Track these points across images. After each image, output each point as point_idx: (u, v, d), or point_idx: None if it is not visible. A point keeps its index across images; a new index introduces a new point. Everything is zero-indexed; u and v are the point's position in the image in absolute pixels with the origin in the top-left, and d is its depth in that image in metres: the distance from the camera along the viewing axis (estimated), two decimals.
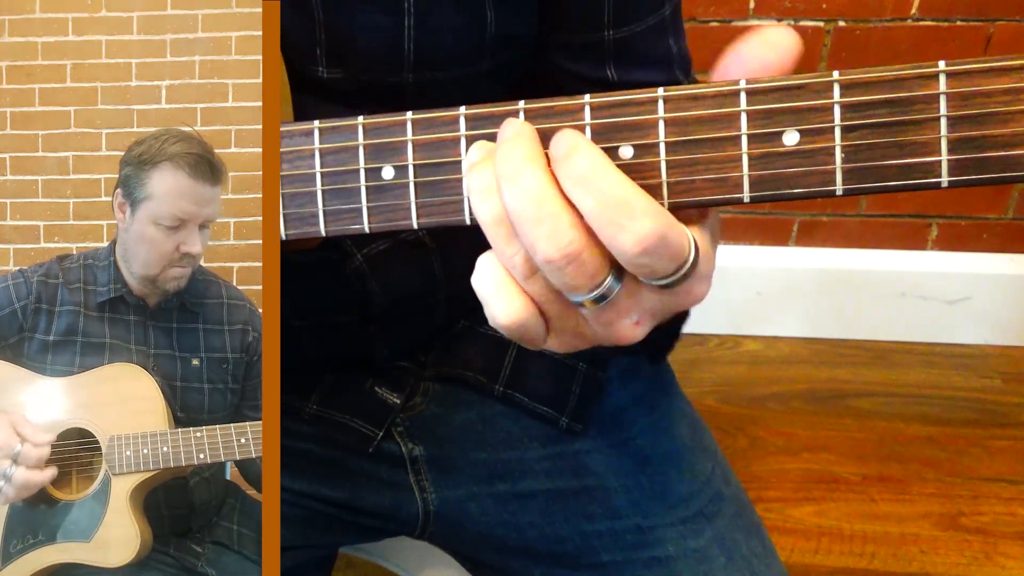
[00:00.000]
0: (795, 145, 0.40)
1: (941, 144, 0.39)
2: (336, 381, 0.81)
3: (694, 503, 0.77)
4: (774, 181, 0.41)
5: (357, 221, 0.46)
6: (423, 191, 0.45)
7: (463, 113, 0.44)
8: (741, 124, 0.41)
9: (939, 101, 0.39)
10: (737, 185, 0.41)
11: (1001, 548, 1.41)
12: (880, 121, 0.39)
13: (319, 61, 0.62)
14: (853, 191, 0.40)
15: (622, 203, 0.39)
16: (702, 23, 1.61)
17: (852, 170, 0.40)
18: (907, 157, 0.39)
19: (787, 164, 0.40)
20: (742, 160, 0.41)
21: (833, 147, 0.40)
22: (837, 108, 0.40)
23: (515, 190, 0.40)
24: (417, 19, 0.61)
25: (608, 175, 0.40)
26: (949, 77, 0.38)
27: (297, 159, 0.47)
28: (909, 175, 0.39)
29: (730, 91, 0.41)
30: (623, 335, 0.44)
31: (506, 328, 0.44)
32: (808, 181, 0.40)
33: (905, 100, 0.39)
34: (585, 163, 0.40)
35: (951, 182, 0.39)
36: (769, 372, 1.78)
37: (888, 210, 1.77)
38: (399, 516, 0.80)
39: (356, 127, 0.45)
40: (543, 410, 0.79)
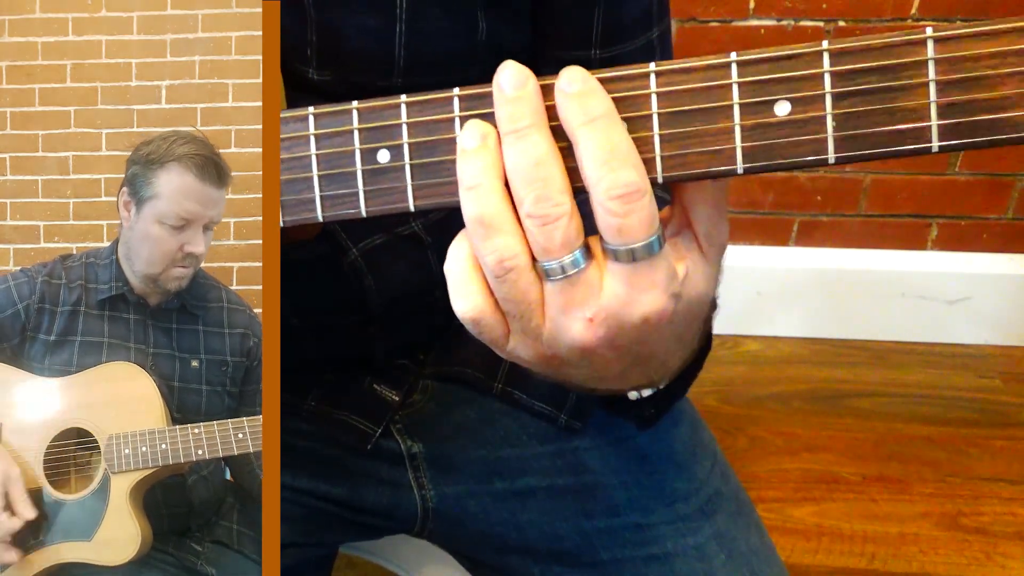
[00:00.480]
0: (787, 115, 0.40)
1: (931, 109, 0.39)
2: (335, 379, 0.81)
3: (693, 501, 0.77)
4: (767, 151, 0.41)
5: (354, 205, 0.46)
6: (419, 173, 0.45)
7: (457, 94, 0.44)
8: (733, 95, 0.41)
9: (928, 67, 0.39)
10: (730, 157, 0.41)
11: (1001, 548, 1.41)
12: (870, 88, 0.39)
13: (310, 62, 0.62)
14: (845, 159, 0.40)
15: (623, 151, 0.41)
16: (702, 23, 1.61)
17: (844, 138, 0.40)
18: (898, 123, 0.39)
19: (779, 134, 0.41)
20: (734, 132, 0.41)
21: (824, 116, 0.40)
22: (827, 77, 0.40)
23: (520, 147, 0.42)
24: (408, 24, 0.61)
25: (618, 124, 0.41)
26: (937, 43, 0.39)
27: (293, 145, 0.47)
28: (900, 141, 0.40)
29: (721, 63, 0.41)
30: (575, 332, 0.44)
31: (464, 320, 0.45)
32: (801, 150, 0.41)
33: (894, 67, 0.39)
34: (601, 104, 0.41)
35: (941, 147, 0.39)
36: (769, 372, 1.78)
37: (888, 210, 1.77)
38: (398, 514, 0.80)
39: (351, 111, 0.46)
40: (542, 408, 0.79)
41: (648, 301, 0.43)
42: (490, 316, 0.45)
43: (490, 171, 0.42)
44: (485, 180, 0.42)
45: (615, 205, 0.41)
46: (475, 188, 0.42)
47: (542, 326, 0.45)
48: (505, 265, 0.43)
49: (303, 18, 0.60)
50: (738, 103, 0.41)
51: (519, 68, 0.42)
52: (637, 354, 0.47)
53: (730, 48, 0.41)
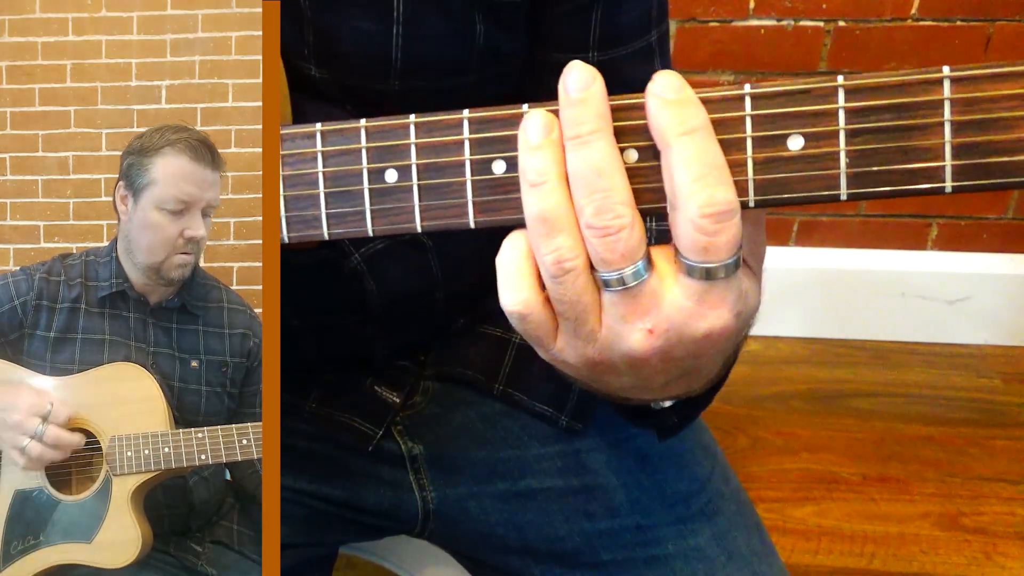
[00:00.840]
0: (800, 150, 0.40)
1: (945, 150, 0.39)
2: (336, 380, 0.81)
3: (694, 502, 0.77)
4: (779, 186, 0.41)
5: (360, 224, 0.46)
6: (426, 194, 0.45)
7: (466, 116, 0.44)
8: (746, 128, 0.41)
9: (943, 107, 0.38)
10: (742, 190, 0.41)
11: (1001, 548, 1.41)
12: (884, 125, 0.39)
13: (309, 60, 0.62)
14: (857, 196, 0.40)
15: (719, 166, 0.40)
16: (702, 23, 1.61)
17: (856, 175, 0.40)
18: (911, 162, 0.39)
19: (792, 169, 0.40)
20: (747, 165, 0.41)
21: (838, 152, 0.40)
22: (842, 113, 0.40)
23: (582, 155, 0.41)
24: (406, 28, 0.61)
25: (713, 139, 0.40)
26: (953, 83, 0.38)
27: (299, 162, 0.47)
28: (913, 180, 0.39)
29: (734, 96, 0.41)
30: (633, 341, 0.44)
31: (510, 314, 0.44)
32: (813, 186, 0.40)
33: (909, 105, 0.39)
34: (699, 115, 0.40)
35: (955, 187, 0.39)
36: (769, 372, 1.78)
37: (888, 210, 1.77)
38: (399, 515, 0.80)
39: (359, 130, 0.45)
40: (543, 409, 0.79)
41: (715, 317, 0.43)
42: (539, 313, 0.44)
43: (555, 168, 0.41)
44: (550, 177, 0.41)
45: (707, 223, 0.39)
46: (540, 185, 0.41)
47: (598, 331, 0.44)
48: (564, 266, 0.42)
49: (300, 17, 0.60)
50: (751, 136, 0.41)
51: (586, 69, 0.41)
52: (688, 368, 0.46)
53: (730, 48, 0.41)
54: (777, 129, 0.40)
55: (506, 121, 0.43)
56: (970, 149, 0.38)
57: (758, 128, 0.41)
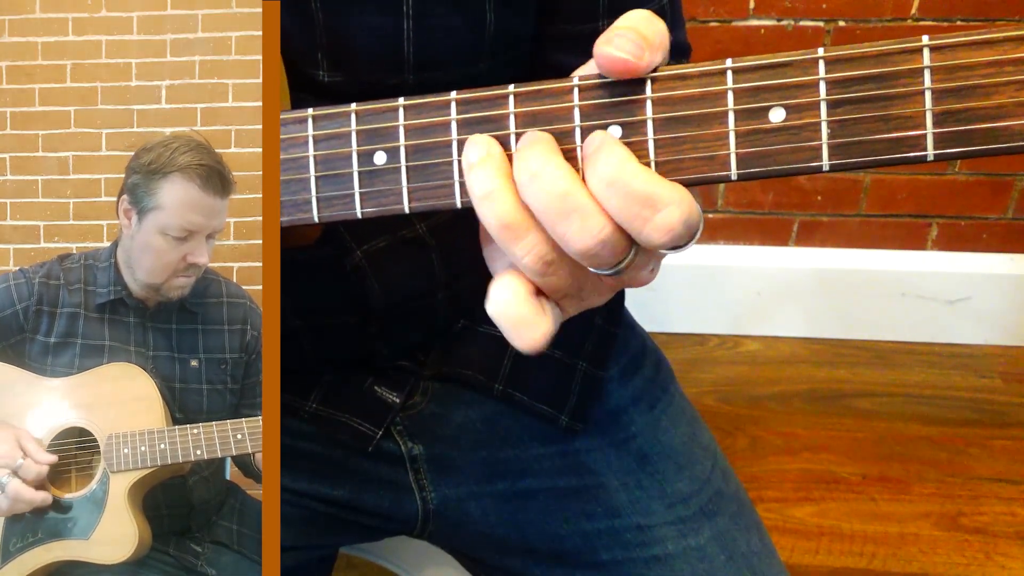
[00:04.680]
0: (781, 121, 0.40)
1: (926, 118, 0.39)
2: (336, 380, 0.81)
3: (694, 502, 0.77)
4: (761, 158, 0.41)
5: (350, 207, 0.46)
6: (415, 175, 0.45)
7: (454, 98, 0.44)
8: (727, 102, 0.41)
9: (923, 75, 0.39)
10: (724, 163, 0.41)
11: (1001, 548, 1.41)
12: (865, 95, 0.39)
13: (320, 65, 0.62)
14: (840, 166, 0.40)
15: (647, 198, 0.40)
16: (702, 23, 1.61)
17: (838, 145, 0.40)
18: (893, 131, 0.39)
19: (774, 141, 0.41)
20: (729, 138, 0.41)
21: (819, 123, 0.40)
22: (822, 84, 0.40)
23: (539, 187, 0.41)
24: (416, 21, 0.61)
25: (634, 171, 0.41)
26: (933, 51, 0.38)
27: (291, 146, 0.47)
28: (895, 149, 0.39)
29: (716, 70, 0.41)
30: (639, 281, 0.45)
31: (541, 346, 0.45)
32: (795, 157, 0.41)
33: (890, 75, 0.39)
34: (612, 161, 0.41)
35: (937, 155, 0.39)
36: (769, 372, 1.78)
37: (888, 210, 1.77)
38: (399, 515, 0.80)
39: (349, 114, 0.46)
40: (543, 409, 0.79)
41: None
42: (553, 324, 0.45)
43: (499, 175, 0.42)
44: (496, 185, 0.42)
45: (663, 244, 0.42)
46: (488, 195, 0.42)
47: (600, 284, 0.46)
48: (545, 260, 0.43)
49: (311, 22, 0.60)
50: (733, 109, 0.41)
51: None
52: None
53: (730, 48, 0.41)
54: (759, 102, 0.41)
55: (493, 101, 0.44)
56: (951, 116, 0.38)
57: (739, 101, 0.41)
